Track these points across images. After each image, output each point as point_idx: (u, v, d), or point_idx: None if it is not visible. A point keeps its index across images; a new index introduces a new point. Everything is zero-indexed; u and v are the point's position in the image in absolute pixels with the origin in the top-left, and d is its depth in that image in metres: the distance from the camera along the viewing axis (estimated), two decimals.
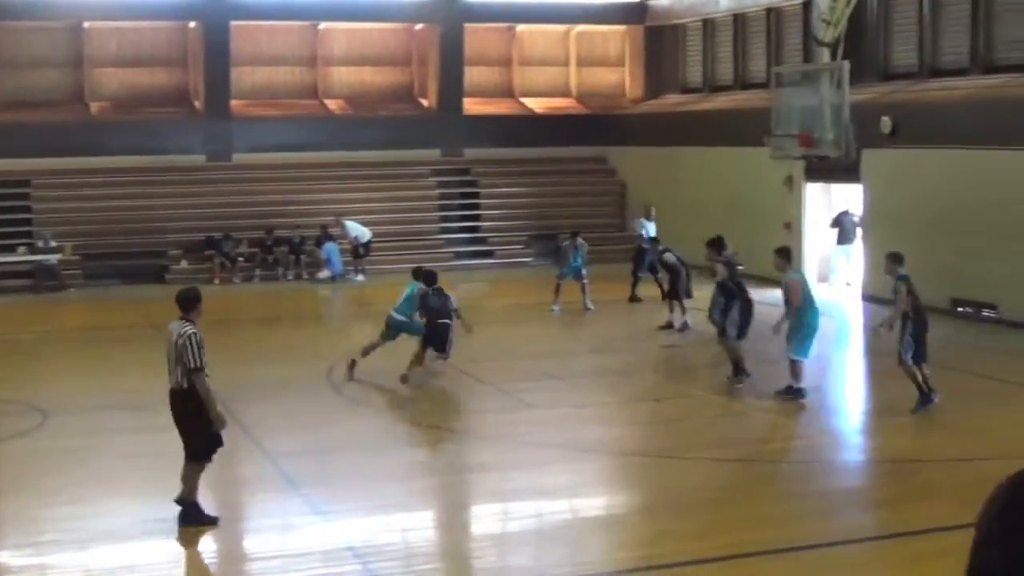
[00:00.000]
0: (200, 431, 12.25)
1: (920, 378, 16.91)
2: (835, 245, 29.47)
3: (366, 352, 19.97)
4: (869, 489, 14.47)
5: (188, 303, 12.37)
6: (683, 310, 23.97)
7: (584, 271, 26.92)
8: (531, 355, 21.88)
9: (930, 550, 11.21)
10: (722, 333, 19.26)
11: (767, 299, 21.70)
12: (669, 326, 24.05)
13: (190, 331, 12.11)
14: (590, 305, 26.65)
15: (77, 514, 12.93)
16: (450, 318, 19.82)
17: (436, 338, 19.73)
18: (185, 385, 12.12)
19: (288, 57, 38.47)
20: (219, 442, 12.51)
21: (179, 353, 12.00)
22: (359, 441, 16.09)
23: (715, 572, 11.18)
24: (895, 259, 17.51)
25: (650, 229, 28.36)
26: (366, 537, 12.19)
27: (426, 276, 20.47)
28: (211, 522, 12.43)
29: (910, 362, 16.86)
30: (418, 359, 19.71)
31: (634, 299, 27.18)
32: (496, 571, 11.73)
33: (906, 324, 16.98)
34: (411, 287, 20.45)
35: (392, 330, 20.29)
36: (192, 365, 11.97)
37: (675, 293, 24.08)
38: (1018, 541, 1.62)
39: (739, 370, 19.08)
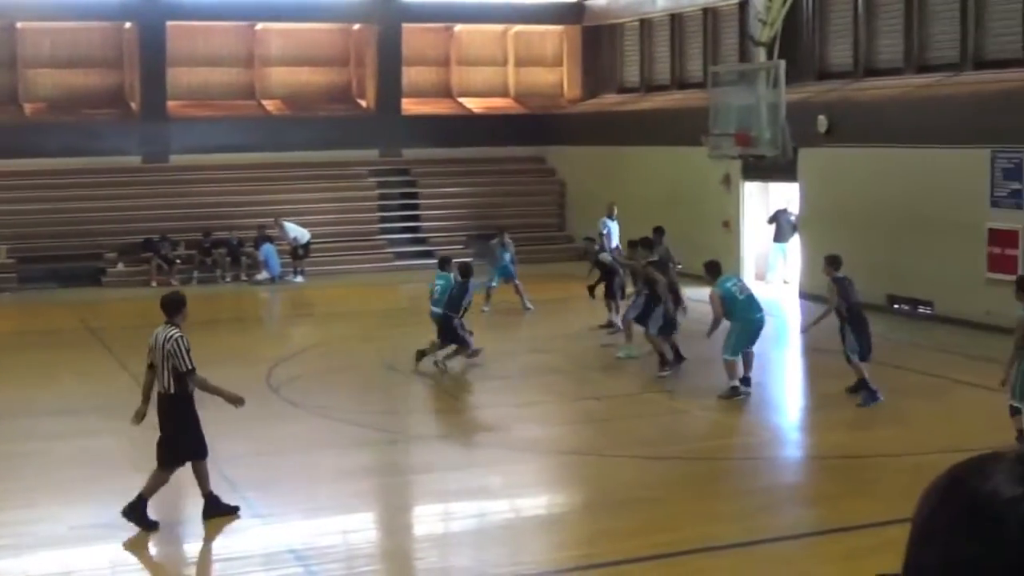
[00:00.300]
0: (178, 437, 12.34)
1: (867, 375, 17.27)
2: (772, 243, 29.66)
3: (445, 357, 20.40)
4: (807, 485, 14.59)
5: (173, 307, 12.49)
6: (617, 309, 24.00)
7: (514, 270, 26.89)
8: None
9: (867, 545, 11.31)
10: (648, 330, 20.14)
11: (703, 296, 21.82)
12: (609, 325, 24.10)
13: (177, 335, 12.22)
14: (529, 305, 26.65)
15: (12, 520, 12.80)
16: (457, 311, 20.30)
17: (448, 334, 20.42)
18: (172, 390, 12.24)
19: (225, 57, 38.21)
20: (205, 450, 12.56)
21: (166, 357, 12.09)
22: (299, 443, 16.02)
23: (654, 570, 11.23)
24: (832, 262, 18.06)
25: (613, 228, 28.12)
26: (307, 539, 12.14)
27: (461, 268, 21.08)
28: (232, 511, 12.52)
29: (857, 361, 17.29)
30: (433, 347, 20.45)
31: (591, 293, 26.67)
32: (437, 571, 11.73)
33: (844, 326, 17.38)
34: (446, 279, 20.85)
35: (438, 325, 20.73)
36: (184, 368, 12.11)
37: (611, 292, 24.14)
38: (954, 537, 1.63)
39: (664, 362, 19.67)
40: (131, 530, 12.55)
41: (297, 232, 32.82)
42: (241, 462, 14.98)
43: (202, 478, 12.53)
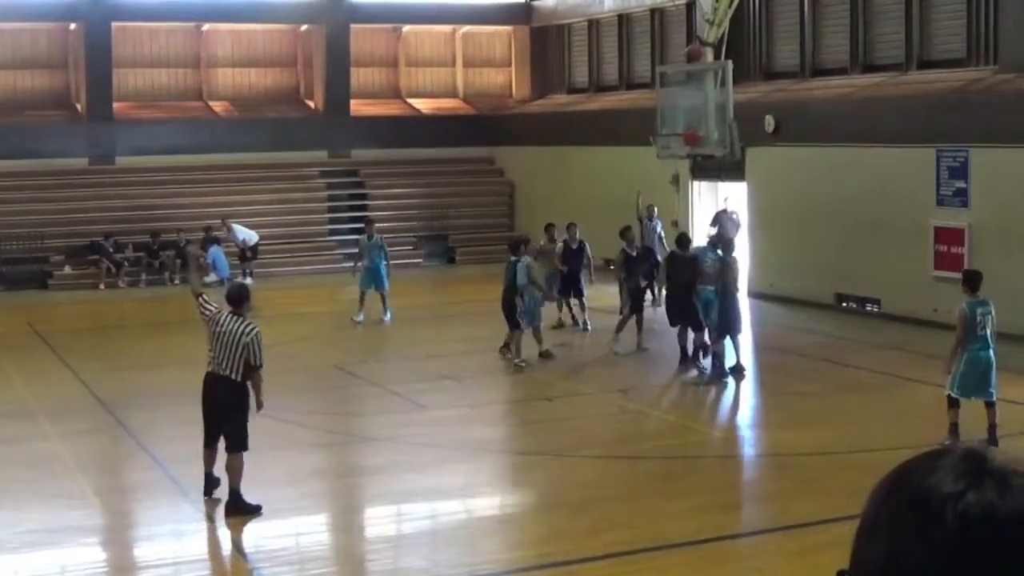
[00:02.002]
0: (245, 422, 12.90)
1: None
2: None
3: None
4: (759, 483, 14.67)
5: (239, 299, 13.03)
6: (583, 308, 23.82)
7: (385, 276, 25.11)
8: (422, 356, 21.84)
9: (819, 542, 11.38)
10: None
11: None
12: (560, 325, 24.05)
13: (257, 329, 12.84)
14: (358, 318, 24.92)
15: None
16: (514, 291, 20.53)
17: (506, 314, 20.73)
18: (240, 378, 12.78)
19: (171, 58, 37.98)
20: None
21: (243, 347, 12.62)
22: (249, 445, 15.91)
23: (608, 569, 11.26)
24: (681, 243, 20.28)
25: (659, 228, 27.22)
26: (258, 542, 12.10)
27: (510, 246, 21.44)
28: (256, 511, 12.57)
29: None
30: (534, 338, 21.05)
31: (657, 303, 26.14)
32: (391, 573, 11.72)
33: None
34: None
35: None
36: (256, 362, 12.75)
37: (566, 291, 23.95)
38: (896, 533, 1.65)
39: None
40: (80, 535, 12.49)
41: (246, 234, 32.66)
42: (191, 465, 14.88)
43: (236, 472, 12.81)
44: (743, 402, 19.29)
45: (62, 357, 22.15)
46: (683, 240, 20.91)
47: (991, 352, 14.74)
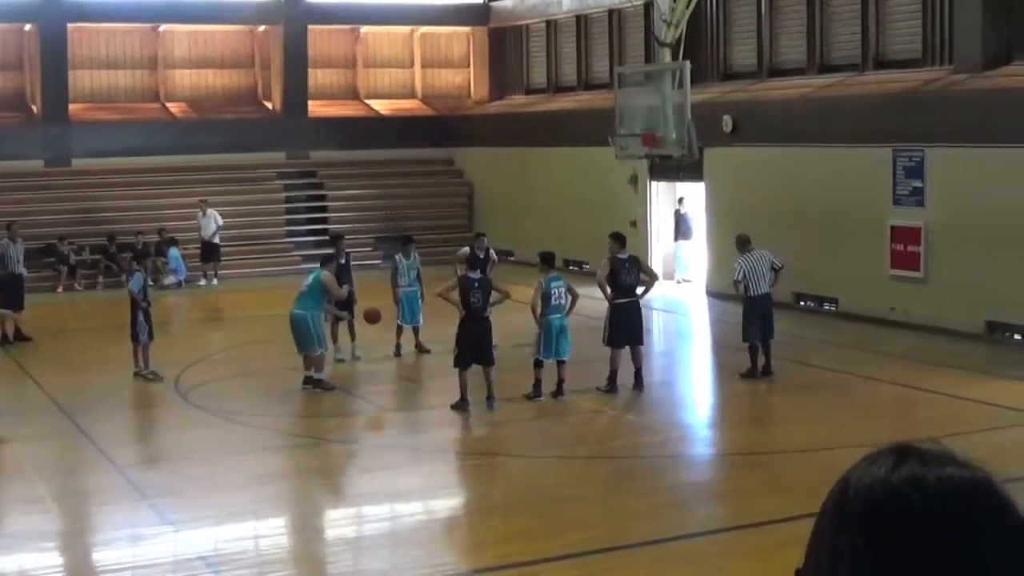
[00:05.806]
0: None
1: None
2: (677, 242, 29.93)
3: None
4: (717, 482, 14.72)
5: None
6: None
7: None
8: (381, 358, 21.77)
9: (777, 541, 11.42)
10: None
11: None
12: None
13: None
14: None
15: None
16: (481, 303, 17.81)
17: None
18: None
19: (128, 60, 37.77)
20: None
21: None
22: (208, 449, 15.87)
23: (568, 569, 11.27)
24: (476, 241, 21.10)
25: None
26: (217, 546, 12.05)
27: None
28: None
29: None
30: None
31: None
32: (351, 575, 11.69)
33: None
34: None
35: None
36: None
37: None
38: (837, 533, 1.70)
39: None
40: (39, 540, 12.41)
41: (218, 222, 32.57)
42: (149, 468, 14.84)
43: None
44: (703, 401, 19.36)
45: (19, 361, 21.97)
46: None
47: (563, 319, 17.50)
